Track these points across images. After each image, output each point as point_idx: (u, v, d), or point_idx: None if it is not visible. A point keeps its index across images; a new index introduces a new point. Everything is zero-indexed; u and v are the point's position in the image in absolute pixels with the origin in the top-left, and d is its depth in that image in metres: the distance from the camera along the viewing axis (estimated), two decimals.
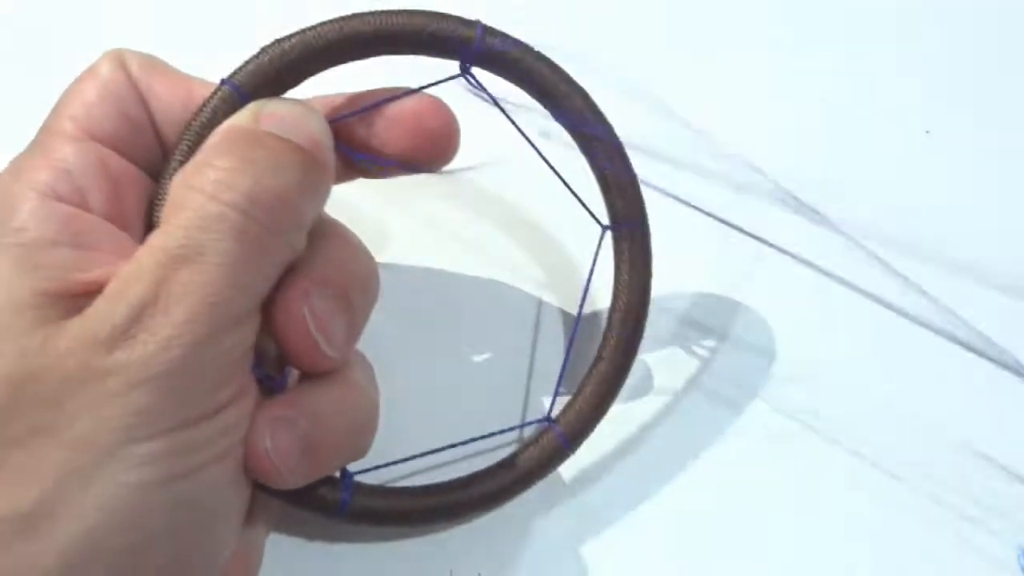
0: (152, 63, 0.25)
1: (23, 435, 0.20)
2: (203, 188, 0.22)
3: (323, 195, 0.24)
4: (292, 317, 0.24)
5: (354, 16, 0.25)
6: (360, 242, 0.26)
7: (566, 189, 0.28)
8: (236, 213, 0.22)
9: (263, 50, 0.25)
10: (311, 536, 0.29)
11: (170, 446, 0.21)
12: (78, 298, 0.21)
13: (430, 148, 0.27)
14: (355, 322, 0.25)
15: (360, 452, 0.26)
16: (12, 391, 0.20)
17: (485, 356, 0.32)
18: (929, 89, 0.37)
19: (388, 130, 0.26)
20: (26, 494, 0.20)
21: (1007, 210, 0.35)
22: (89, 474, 0.20)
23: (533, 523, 0.30)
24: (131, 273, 0.21)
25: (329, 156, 0.24)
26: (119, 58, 0.25)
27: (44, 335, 0.21)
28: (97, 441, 0.20)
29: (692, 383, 0.32)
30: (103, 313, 0.21)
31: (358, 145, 0.26)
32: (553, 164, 0.28)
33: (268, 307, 0.24)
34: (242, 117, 0.24)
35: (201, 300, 0.21)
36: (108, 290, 0.21)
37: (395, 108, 0.26)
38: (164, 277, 0.21)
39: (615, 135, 0.27)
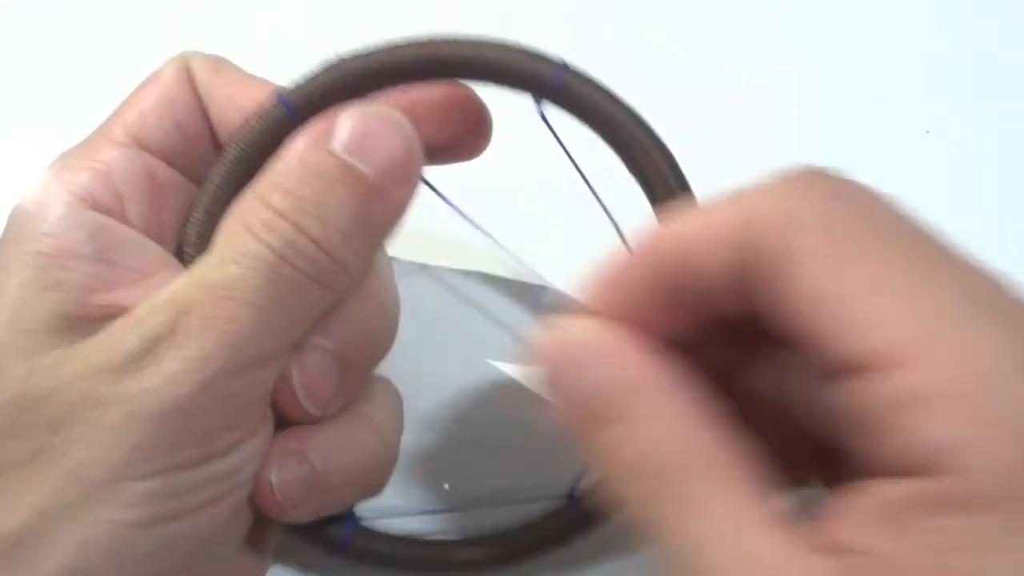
0: (218, 67, 0.24)
1: (24, 457, 0.20)
2: (250, 224, 0.21)
3: (382, 235, 0.23)
4: None
5: (429, 42, 0.23)
6: (385, 296, 0.24)
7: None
8: (273, 255, 0.21)
9: (325, 67, 0.23)
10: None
11: (163, 487, 0.20)
12: (97, 320, 0.21)
13: (462, 137, 0.25)
14: (348, 382, 0.24)
15: (371, 492, 0.25)
16: (18, 412, 0.20)
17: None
18: (929, 89, 0.36)
19: (419, 122, 0.25)
20: (14, 518, 0.20)
21: (1007, 210, 0.35)
22: (76, 507, 0.20)
23: None
24: (159, 300, 0.21)
25: (404, 179, 0.22)
26: (184, 63, 0.24)
27: (55, 357, 0.20)
28: (89, 474, 0.20)
29: None
30: (117, 340, 0.20)
31: None
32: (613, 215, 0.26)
33: None
34: (314, 132, 0.23)
35: (219, 337, 0.20)
36: (132, 314, 0.21)
37: (426, 101, 0.25)
38: (186, 309, 0.20)
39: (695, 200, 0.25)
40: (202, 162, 0.24)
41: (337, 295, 0.22)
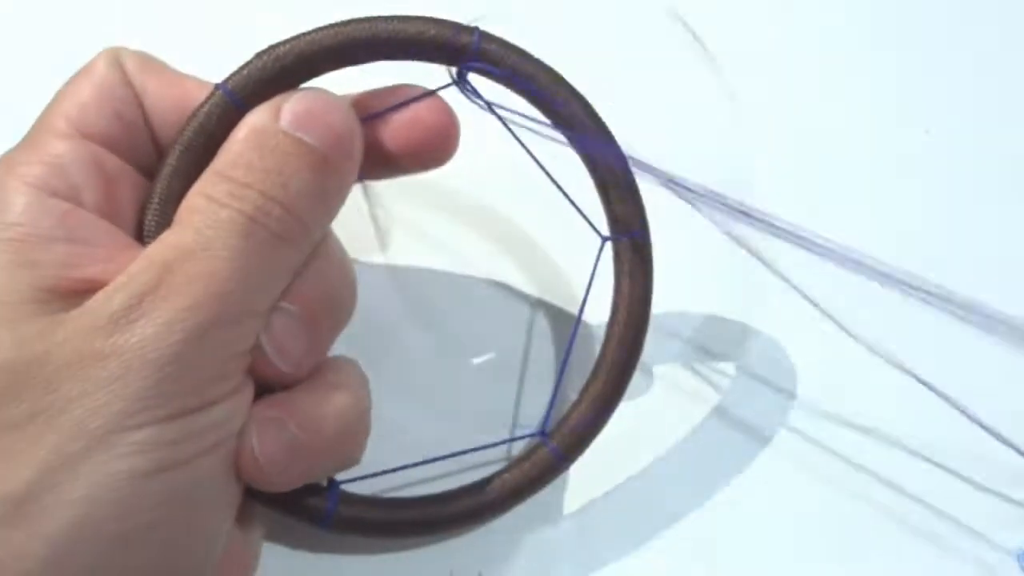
0: (147, 62, 0.25)
1: (21, 419, 0.20)
2: (216, 197, 0.22)
3: (337, 199, 0.25)
4: None
5: (350, 22, 0.25)
6: (344, 258, 0.26)
7: (565, 198, 0.28)
8: (244, 217, 0.22)
9: (258, 55, 0.25)
10: (309, 535, 0.29)
11: (162, 435, 0.21)
12: (76, 295, 0.22)
13: (428, 146, 0.26)
14: (318, 341, 0.25)
15: (350, 460, 0.26)
16: (11, 376, 0.20)
17: (478, 366, 0.31)
18: (929, 89, 0.36)
19: (385, 129, 0.26)
20: (18, 477, 0.20)
21: (1007, 210, 0.35)
22: (79, 461, 0.20)
23: (533, 524, 0.30)
24: (137, 266, 0.22)
25: (349, 153, 0.24)
26: (115, 57, 0.25)
27: (42, 325, 0.21)
28: (89, 427, 0.20)
29: (697, 398, 0.32)
30: (103, 302, 0.21)
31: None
32: (551, 172, 0.27)
33: None
34: (262, 114, 0.24)
35: (205, 289, 0.21)
36: (114, 282, 0.22)
37: (397, 114, 0.26)
38: (168, 268, 0.21)
39: (615, 142, 0.26)
40: (143, 151, 0.25)
41: (303, 255, 0.24)
